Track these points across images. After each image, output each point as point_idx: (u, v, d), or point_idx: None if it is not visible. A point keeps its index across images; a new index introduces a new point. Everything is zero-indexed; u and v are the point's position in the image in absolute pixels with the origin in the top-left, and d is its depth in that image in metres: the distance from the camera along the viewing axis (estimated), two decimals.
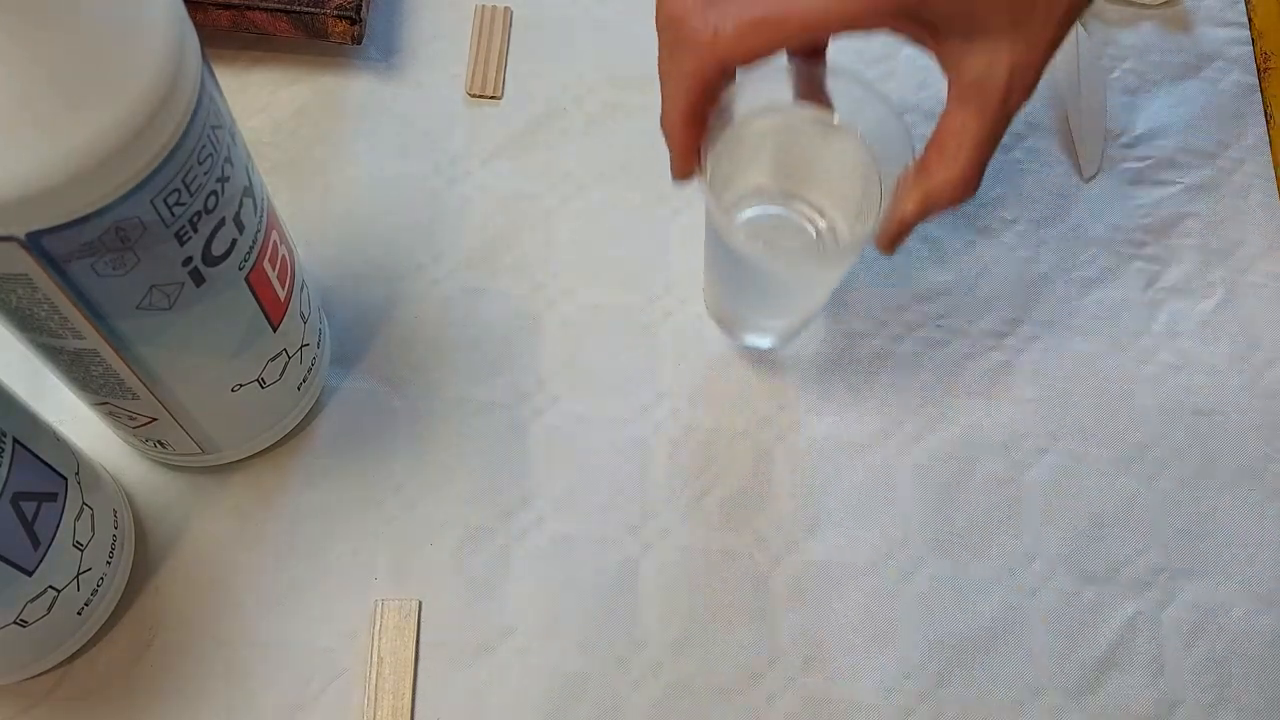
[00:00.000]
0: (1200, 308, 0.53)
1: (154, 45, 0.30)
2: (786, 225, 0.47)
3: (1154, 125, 0.57)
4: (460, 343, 0.50)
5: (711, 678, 0.45)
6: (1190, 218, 0.56)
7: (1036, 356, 0.52)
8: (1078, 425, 0.50)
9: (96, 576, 0.41)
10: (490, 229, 0.53)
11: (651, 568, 0.46)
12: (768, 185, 0.47)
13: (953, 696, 0.45)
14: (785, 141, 0.45)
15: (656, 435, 0.49)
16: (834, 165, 0.45)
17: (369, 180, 0.53)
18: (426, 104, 0.55)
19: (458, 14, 0.57)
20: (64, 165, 0.28)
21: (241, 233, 0.36)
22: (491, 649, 0.45)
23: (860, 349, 0.51)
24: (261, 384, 0.42)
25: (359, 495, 0.47)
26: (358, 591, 0.45)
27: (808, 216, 0.47)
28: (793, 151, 0.45)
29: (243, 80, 0.55)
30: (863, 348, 0.51)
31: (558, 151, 0.55)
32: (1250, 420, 0.51)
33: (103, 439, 0.45)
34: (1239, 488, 0.50)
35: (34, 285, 0.32)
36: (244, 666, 0.44)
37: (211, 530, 0.46)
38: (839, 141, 0.44)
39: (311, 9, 0.52)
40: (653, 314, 0.51)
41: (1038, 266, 0.54)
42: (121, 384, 0.38)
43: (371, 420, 0.48)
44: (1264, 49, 0.60)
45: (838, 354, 0.51)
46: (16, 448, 0.35)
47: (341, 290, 0.51)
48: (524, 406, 0.49)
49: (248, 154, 0.36)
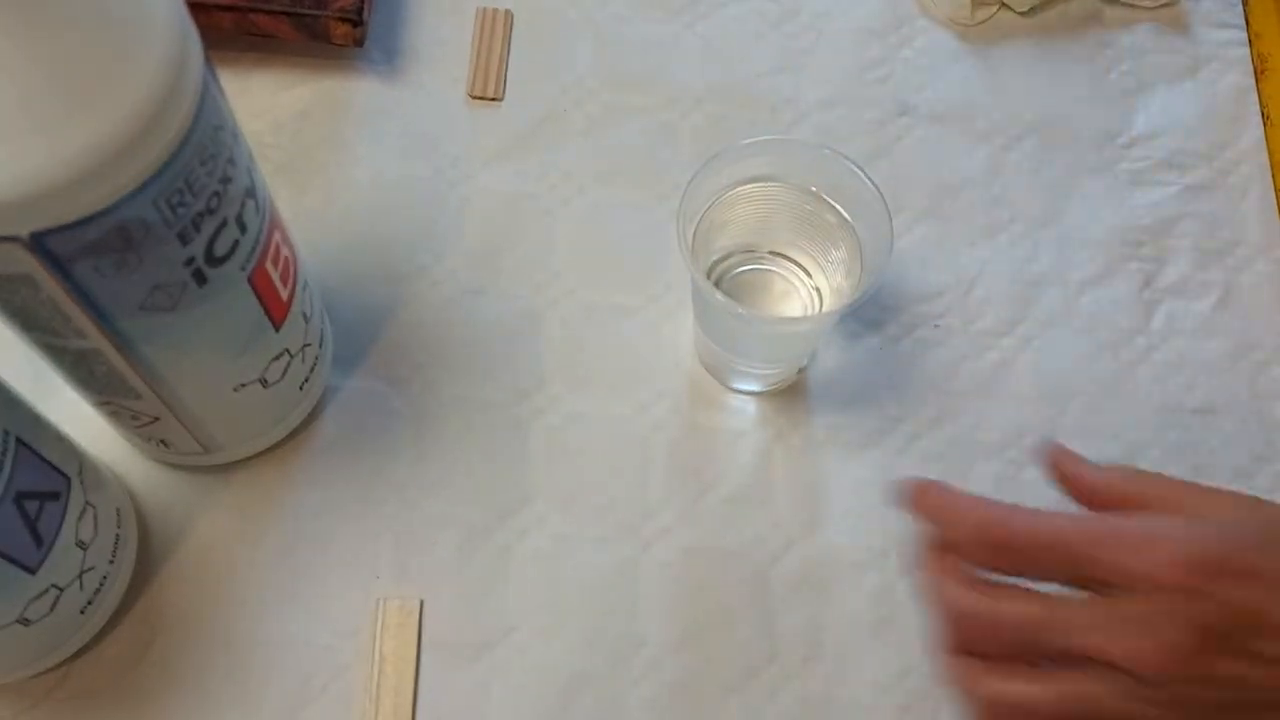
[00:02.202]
0: (1197, 308, 0.54)
1: (157, 47, 0.30)
2: (775, 281, 0.49)
3: (1151, 126, 0.58)
4: (461, 343, 0.50)
5: (711, 676, 0.45)
6: (1187, 218, 0.56)
7: (1034, 356, 0.52)
8: (1075, 425, 0.51)
9: (99, 575, 0.41)
10: (491, 230, 0.53)
11: (652, 567, 0.47)
12: (755, 244, 0.49)
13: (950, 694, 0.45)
14: (769, 207, 0.48)
15: (657, 435, 0.49)
16: (816, 229, 0.47)
17: (371, 181, 0.54)
18: (428, 106, 0.55)
19: (459, 17, 0.58)
20: (67, 166, 0.29)
21: (244, 233, 0.36)
22: (492, 647, 0.45)
23: (858, 349, 0.51)
24: (264, 384, 0.42)
25: (361, 494, 0.47)
26: (359, 590, 0.45)
27: (796, 275, 0.49)
28: (777, 216, 0.48)
29: (245, 82, 0.55)
30: (861, 348, 0.51)
31: (558, 153, 0.55)
32: (1247, 420, 0.51)
33: (105, 438, 0.46)
34: (1236, 487, 0.50)
35: (37, 285, 0.32)
36: (246, 665, 0.44)
37: (214, 529, 0.46)
38: (819, 208, 0.47)
39: (314, 11, 0.52)
40: (653, 314, 0.52)
41: (1035, 266, 0.54)
42: (124, 384, 0.38)
43: (373, 420, 0.49)
44: (1261, 51, 0.60)
45: (836, 354, 0.51)
46: (19, 447, 0.35)
47: (343, 290, 0.51)
48: (525, 406, 0.49)
49: (250, 155, 0.37)
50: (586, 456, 0.49)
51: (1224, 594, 0.32)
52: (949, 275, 0.53)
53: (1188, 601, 0.32)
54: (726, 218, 0.47)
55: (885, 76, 0.58)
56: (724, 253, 0.49)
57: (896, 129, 0.57)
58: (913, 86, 0.58)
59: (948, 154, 0.56)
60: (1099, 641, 0.33)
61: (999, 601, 0.35)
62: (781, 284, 0.49)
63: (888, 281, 0.53)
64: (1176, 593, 0.32)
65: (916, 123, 0.57)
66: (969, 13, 0.59)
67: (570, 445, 0.49)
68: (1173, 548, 0.32)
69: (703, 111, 0.56)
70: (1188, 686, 0.32)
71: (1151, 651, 0.32)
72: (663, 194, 0.54)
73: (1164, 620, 0.32)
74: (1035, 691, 0.34)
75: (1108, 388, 0.52)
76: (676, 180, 0.55)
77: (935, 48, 0.59)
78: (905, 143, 0.56)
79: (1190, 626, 0.32)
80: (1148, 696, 0.33)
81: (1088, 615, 0.34)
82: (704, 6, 0.59)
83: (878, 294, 0.52)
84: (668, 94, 0.57)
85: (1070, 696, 0.34)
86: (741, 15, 0.59)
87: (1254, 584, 0.32)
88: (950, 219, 0.55)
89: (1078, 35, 0.60)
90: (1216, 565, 0.32)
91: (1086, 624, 0.33)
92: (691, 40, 0.58)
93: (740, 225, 0.48)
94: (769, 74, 0.58)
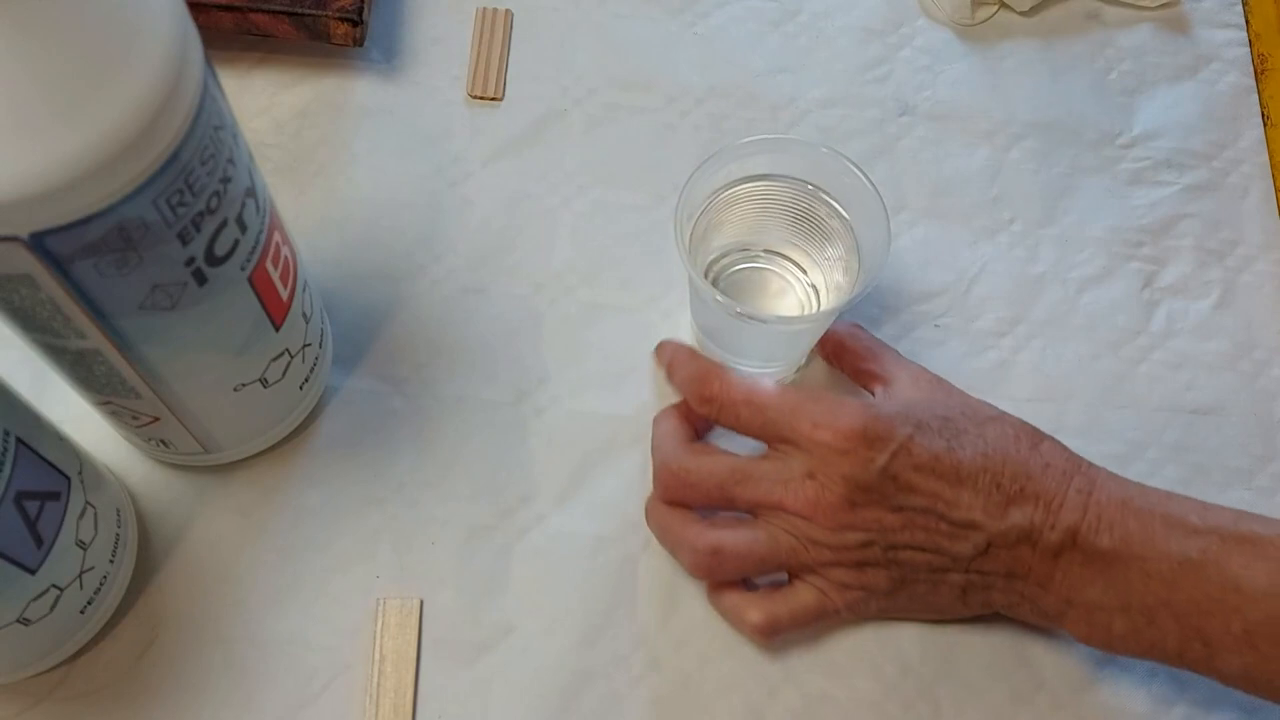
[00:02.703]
0: (1197, 308, 0.54)
1: (156, 47, 0.30)
2: (771, 279, 0.49)
3: (1151, 126, 0.58)
4: (461, 342, 0.50)
5: (712, 674, 0.45)
6: (1187, 218, 0.56)
7: (1034, 356, 0.52)
8: (1075, 425, 0.51)
9: (99, 575, 0.41)
10: (491, 229, 0.53)
11: (652, 565, 0.47)
12: (752, 242, 0.49)
13: (949, 693, 0.45)
14: (765, 205, 0.48)
15: None
16: (812, 227, 0.48)
17: (371, 181, 0.54)
18: (428, 105, 0.55)
19: (459, 16, 0.58)
20: (67, 166, 0.29)
21: (244, 233, 0.36)
22: (492, 646, 0.45)
23: None
24: (264, 383, 0.42)
25: (361, 494, 0.47)
26: (359, 589, 0.45)
27: (791, 272, 0.49)
28: (772, 213, 0.48)
29: (245, 82, 0.55)
30: None
31: (558, 152, 0.55)
32: (1247, 420, 0.51)
33: (106, 438, 0.46)
34: (1235, 487, 0.50)
35: (37, 285, 0.32)
36: (246, 664, 0.44)
37: (214, 529, 0.46)
38: (815, 205, 0.47)
39: (313, 11, 0.52)
40: (652, 314, 0.52)
41: (1035, 266, 0.54)
42: (124, 383, 0.38)
43: (373, 419, 0.49)
44: (1261, 51, 0.60)
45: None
46: (19, 447, 0.35)
47: (343, 290, 0.51)
48: (524, 405, 0.49)
49: (250, 155, 0.37)
50: (586, 454, 0.49)
51: (868, 455, 0.41)
52: (949, 275, 0.53)
53: (840, 459, 0.41)
54: (723, 217, 0.47)
55: (885, 76, 0.58)
56: (721, 251, 0.49)
57: (896, 128, 0.57)
58: (913, 86, 0.58)
59: (948, 153, 0.56)
60: (779, 494, 0.42)
61: (697, 456, 0.44)
62: (777, 282, 0.49)
63: (887, 281, 0.53)
64: (834, 453, 0.41)
65: (916, 122, 0.57)
66: (969, 12, 0.59)
67: (570, 444, 0.49)
68: (845, 420, 0.41)
69: (703, 111, 0.56)
70: (844, 533, 0.41)
71: (813, 497, 0.41)
72: (663, 194, 0.54)
73: (822, 473, 0.41)
74: (725, 535, 0.43)
75: (1108, 388, 0.52)
76: (676, 180, 0.54)
77: (935, 47, 0.59)
78: (905, 142, 0.56)
79: (841, 479, 0.41)
80: (817, 539, 0.42)
81: (769, 469, 0.42)
82: (704, 6, 0.59)
83: (877, 294, 0.52)
84: (668, 94, 0.57)
85: (755, 540, 0.42)
86: (741, 15, 0.59)
87: (895, 452, 0.41)
88: (950, 219, 0.55)
89: (1078, 35, 0.60)
90: (864, 434, 0.41)
91: (770, 478, 0.42)
92: (691, 40, 0.58)
93: (737, 224, 0.48)
94: (769, 74, 0.58)
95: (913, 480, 0.41)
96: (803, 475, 0.42)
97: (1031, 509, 0.41)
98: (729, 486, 0.43)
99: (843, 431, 0.41)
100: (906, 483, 0.41)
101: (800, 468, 0.42)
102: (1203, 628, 0.39)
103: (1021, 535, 0.41)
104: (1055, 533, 0.41)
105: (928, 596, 0.43)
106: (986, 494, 0.41)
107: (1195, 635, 0.39)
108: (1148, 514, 0.41)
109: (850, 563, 0.42)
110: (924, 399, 0.44)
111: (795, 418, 0.42)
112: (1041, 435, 0.44)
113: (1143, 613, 0.40)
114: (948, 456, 0.41)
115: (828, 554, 0.42)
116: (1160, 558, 0.40)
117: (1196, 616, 0.39)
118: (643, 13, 0.59)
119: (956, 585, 0.43)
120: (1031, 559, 0.41)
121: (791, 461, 0.42)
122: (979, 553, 0.42)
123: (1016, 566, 0.42)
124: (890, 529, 0.41)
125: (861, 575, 0.42)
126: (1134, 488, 0.42)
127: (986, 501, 0.41)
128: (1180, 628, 0.40)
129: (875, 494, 0.41)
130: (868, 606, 0.44)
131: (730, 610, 0.44)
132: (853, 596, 0.43)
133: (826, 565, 0.42)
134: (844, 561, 0.42)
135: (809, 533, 0.42)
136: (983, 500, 0.41)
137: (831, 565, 0.42)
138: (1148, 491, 0.42)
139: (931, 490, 0.41)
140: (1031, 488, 0.41)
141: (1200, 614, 0.39)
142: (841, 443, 0.41)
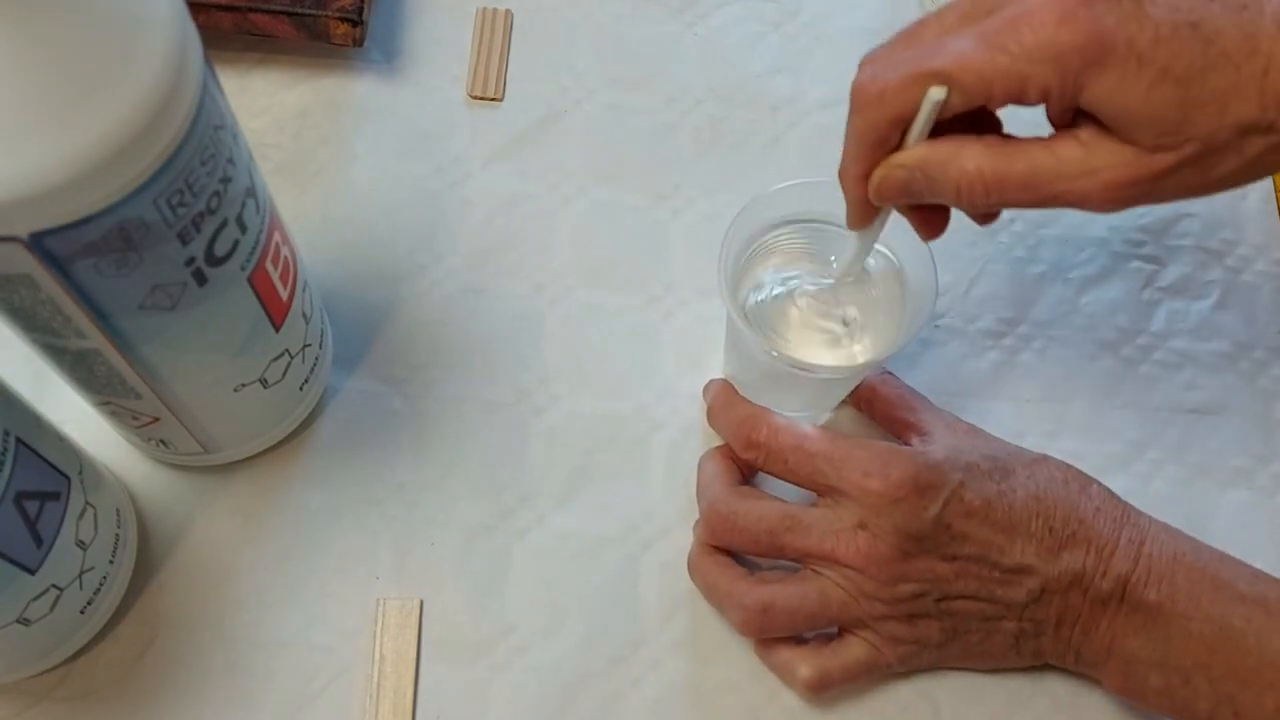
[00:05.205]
0: (1197, 308, 0.54)
1: (156, 47, 0.30)
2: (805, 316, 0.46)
3: None
4: (461, 343, 0.50)
5: (712, 674, 0.45)
6: (1187, 218, 0.56)
7: (1034, 356, 0.52)
8: (1075, 424, 0.51)
9: (99, 575, 0.41)
10: (491, 230, 0.53)
11: (652, 566, 0.47)
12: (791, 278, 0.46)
13: (947, 690, 0.45)
14: (812, 247, 0.46)
15: (657, 434, 0.49)
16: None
17: (370, 181, 0.54)
18: (428, 106, 0.56)
19: (459, 16, 0.58)
20: (67, 166, 0.29)
21: (244, 233, 0.36)
22: (492, 647, 0.45)
23: None
24: (264, 384, 0.42)
25: (361, 494, 0.47)
26: (359, 590, 0.45)
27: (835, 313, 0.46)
28: (819, 256, 0.46)
29: (245, 82, 0.55)
30: None
31: (558, 152, 0.55)
32: (1247, 420, 0.51)
33: (105, 438, 0.46)
34: (1235, 487, 0.50)
35: (37, 285, 0.32)
36: (246, 665, 0.44)
37: (214, 529, 0.46)
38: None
39: (313, 11, 0.52)
40: (653, 314, 0.52)
41: (1035, 266, 0.54)
42: (124, 384, 0.38)
43: (373, 420, 0.49)
44: None
45: None
46: (19, 447, 0.35)
47: (343, 291, 0.51)
48: (524, 405, 0.49)
49: (250, 155, 0.37)
50: (586, 455, 0.49)
51: (920, 504, 0.40)
52: (949, 275, 0.53)
53: (893, 508, 0.40)
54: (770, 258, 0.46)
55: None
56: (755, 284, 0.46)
57: None
58: None
59: None
60: (830, 544, 0.41)
61: (746, 500, 0.43)
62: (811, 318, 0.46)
63: None
64: (886, 502, 0.40)
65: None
66: None
67: (570, 445, 0.49)
68: (896, 470, 0.40)
69: (703, 111, 0.56)
70: (896, 585, 0.41)
71: (865, 549, 0.40)
72: (663, 194, 0.54)
73: (874, 524, 0.40)
74: (775, 592, 0.42)
75: (1108, 388, 0.52)
76: (676, 180, 0.55)
77: None
78: None
79: (894, 529, 0.40)
80: (869, 592, 0.41)
81: (820, 517, 0.41)
82: (704, 7, 0.59)
83: None
84: (668, 94, 0.57)
85: (806, 596, 0.42)
86: (741, 15, 0.59)
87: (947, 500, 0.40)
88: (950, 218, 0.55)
89: None
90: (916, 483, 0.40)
91: (821, 527, 0.41)
92: (691, 40, 0.58)
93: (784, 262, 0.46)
94: (769, 74, 0.58)
95: (965, 528, 0.41)
96: (854, 525, 0.41)
97: (1084, 554, 0.41)
98: (779, 534, 0.42)
99: (894, 480, 0.40)
100: (960, 531, 0.41)
101: (851, 518, 0.41)
102: (1235, 697, 0.39)
103: (1074, 579, 0.41)
104: (1106, 581, 0.40)
105: (980, 646, 0.43)
106: (1040, 538, 0.41)
107: (1227, 702, 0.39)
108: (1199, 572, 0.40)
109: (903, 615, 0.42)
110: (967, 445, 0.44)
111: (845, 467, 0.41)
112: (1089, 478, 0.43)
113: (1179, 672, 0.40)
114: (999, 501, 0.41)
115: (880, 607, 0.41)
116: (1204, 619, 0.40)
117: (1231, 684, 0.39)
118: (643, 13, 0.59)
119: (1010, 634, 0.42)
120: (1081, 606, 0.41)
121: (842, 511, 0.41)
122: (1032, 599, 0.41)
123: (1067, 613, 0.41)
124: (943, 579, 0.41)
125: (914, 628, 0.42)
126: (1187, 542, 0.42)
127: (1039, 545, 0.41)
128: (1214, 692, 0.39)
129: (928, 543, 0.40)
130: (920, 659, 0.43)
131: (781, 665, 0.44)
132: (905, 650, 0.42)
133: (879, 619, 0.42)
134: (896, 614, 0.41)
135: (861, 585, 0.41)
136: (1035, 544, 0.41)
137: (884, 619, 0.42)
138: (1200, 549, 0.42)
139: (984, 538, 0.41)
140: (1084, 532, 0.41)
141: (1236, 682, 0.39)
142: (893, 491, 0.40)
